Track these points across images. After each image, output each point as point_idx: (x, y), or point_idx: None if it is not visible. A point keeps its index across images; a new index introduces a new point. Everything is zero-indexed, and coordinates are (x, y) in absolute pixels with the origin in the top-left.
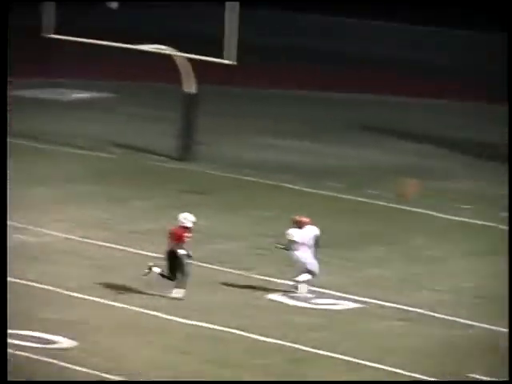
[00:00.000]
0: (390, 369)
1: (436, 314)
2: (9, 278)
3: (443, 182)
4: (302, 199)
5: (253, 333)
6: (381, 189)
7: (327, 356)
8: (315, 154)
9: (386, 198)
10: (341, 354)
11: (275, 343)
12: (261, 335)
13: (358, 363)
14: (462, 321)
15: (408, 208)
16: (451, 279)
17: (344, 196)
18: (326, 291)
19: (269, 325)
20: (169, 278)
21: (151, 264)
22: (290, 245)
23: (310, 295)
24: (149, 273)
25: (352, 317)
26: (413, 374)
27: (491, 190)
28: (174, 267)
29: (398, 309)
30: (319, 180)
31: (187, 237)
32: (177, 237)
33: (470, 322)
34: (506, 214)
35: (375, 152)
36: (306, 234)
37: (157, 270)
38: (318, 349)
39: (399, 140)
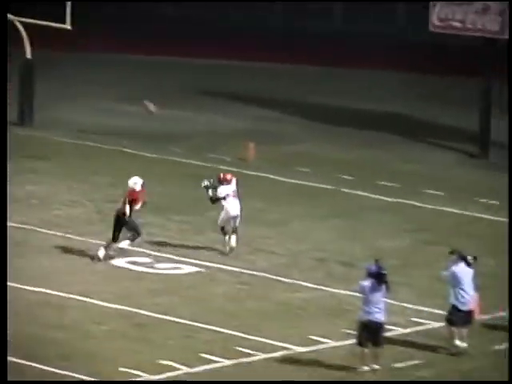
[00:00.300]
0: (231, 332)
1: (275, 277)
2: None
3: (282, 146)
4: (143, 164)
5: (95, 299)
6: (221, 153)
7: (169, 320)
8: (156, 119)
9: (226, 162)
10: (182, 318)
11: (118, 309)
12: (103, 301)
13: (200, 327)
14: (301, 283)
15: (248, 171)
16: (290, 242)
17: (184, 160)
18: (167, 256)
19: (111, 290)
20: (113, 240)
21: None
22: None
23: (150, 260)
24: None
25: (192, 281)
26: (252, 337)
27: (330, 153)
28: (121, 228)
29: (238, 272)
30: (160, 145)
31: (139, 199)
32: (133, 200)
33: (309, 285)
34: (348, 177)
35: (215, 117)
36: (231, 188)
37: (101, 252)
38: (160, 313)
39: (238, 104)
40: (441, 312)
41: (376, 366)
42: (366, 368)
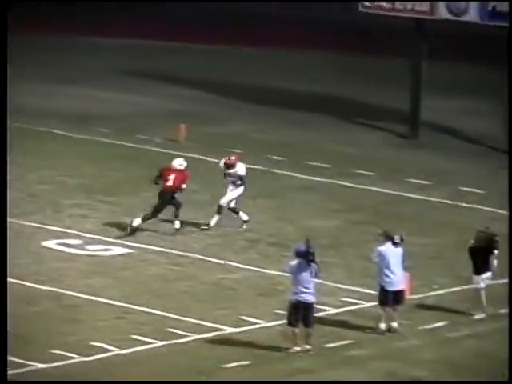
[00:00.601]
0: (163, 313)
1: (207, 258)
2: None
3: (213, 127)
4: (73, 145)
5: (26, 280)
6: (150, 134)
7: (101, 302)
8: (84, 99)
9: (155, 143)
10: (114, 300)
11: (48, 290)
12: (34, 282)
13: (132, 308)
14: (233, 264)
15: (178, 153)
16: (222, 223)
17: (113, 141)
18: (97, 237)
19: (42, 272)
20: (150, 218)
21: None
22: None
23: (81, 241)
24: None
25: (124, 262)
26: (184, 318)
27: (261, 134)
28: (166, 206)
29: (170, 253)
30: (89, 125)
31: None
32: (181, 180)
33: (241, 266)
34: (279, 158)
35: (145, 98)
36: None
37: (137, 221)
38: (92, 295)
39: (169, 85)
40: (372, 292)
41: (307, 346)
42: (297, 348)
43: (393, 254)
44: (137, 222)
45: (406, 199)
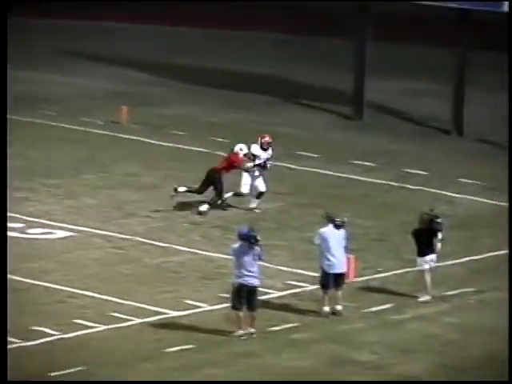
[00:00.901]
0: (105, 297)
1: (150, 241)
2: None
3: (156, 108)
4: (15, 127)
5: None
6: (94, 116)
7: (42, 286)
8: (25, 82)
9: (98, 126)
10: (55, 284)
11: None
12: None
13: (74, 292)
14: (176, 247)
15: (121, 135)
16: (165, 206)
17: (56, 124)
18: (38, 220)
19: None
20: (195, 192)
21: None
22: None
23: None
24: (175, 195)
25: (65, 246)
26: (127, 302)
27: (204, 116)
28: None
29: (112, 237)
30: (31, 108)
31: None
32: (233, 163)
33: (184, 249)
34: (222, 140)
35: (87, 79)
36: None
37: (182, 188)
38: (33, 279)
39: (111, 67)
40: (316, 274)
41: (252, 330)
42: (241, 332)
43: (334, 236)
44: (182, 189)
45: (351, 181)
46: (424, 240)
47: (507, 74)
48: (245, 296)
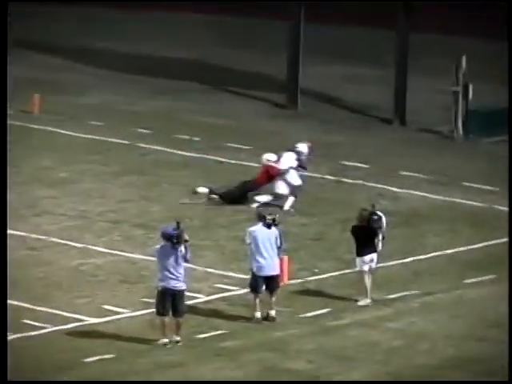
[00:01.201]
0: (16, 303)
1: (65, 241)
2: None
3: (72, 97)
4: None
5: None
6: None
7: None
8: None
9: (11, 116)
10: None
11: None
12: None
13: None
14: (93, 248)
15: (33, 125)
16: (81, 203)
17: None
18: None
19: None
20: (217, 195)
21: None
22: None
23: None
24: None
25: None
26: (40, 308)
27: (123, 104)
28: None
29: (24, 237)
30: None
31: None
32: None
33: (102, 249)
34: (144, 131)
35: None
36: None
37: (204, 189)
38: None
39: (20, 51)
40: (246, 277)
41: (177, 338)
42: (165, 340)
43: (265, 235)
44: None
45: None
46: (364, 238)
47: (454, 58)
48: (170, 301)
